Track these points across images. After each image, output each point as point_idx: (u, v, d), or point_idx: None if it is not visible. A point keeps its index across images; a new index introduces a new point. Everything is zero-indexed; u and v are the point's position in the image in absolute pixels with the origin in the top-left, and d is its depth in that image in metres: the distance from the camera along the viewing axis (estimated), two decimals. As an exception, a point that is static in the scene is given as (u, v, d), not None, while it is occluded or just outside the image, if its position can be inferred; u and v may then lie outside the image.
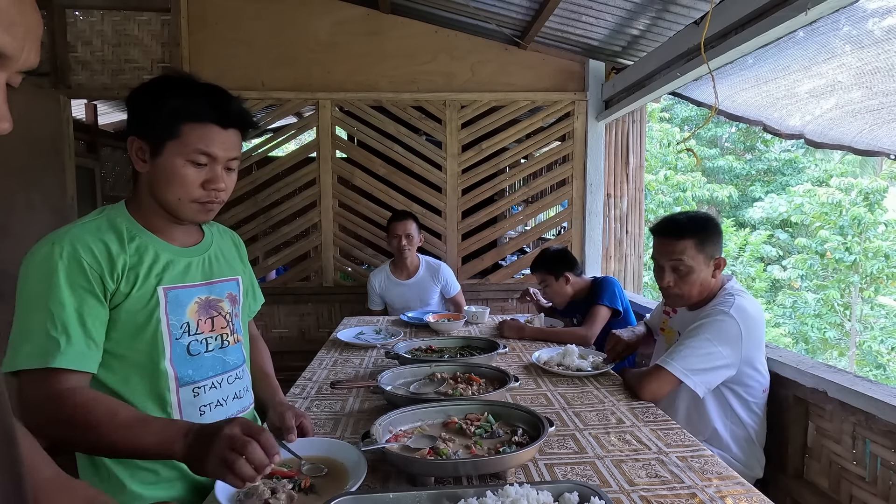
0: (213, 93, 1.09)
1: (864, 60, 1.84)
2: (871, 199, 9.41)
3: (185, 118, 1.05)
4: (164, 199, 1.10)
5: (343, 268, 3.85)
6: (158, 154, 1.06)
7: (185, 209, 1.10)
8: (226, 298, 1.24)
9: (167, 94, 1.06)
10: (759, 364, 1.73)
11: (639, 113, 3.83)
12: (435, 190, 3.77)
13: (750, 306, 1.71)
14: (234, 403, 1.24)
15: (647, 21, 2.90)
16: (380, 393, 1.47)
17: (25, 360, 0.96)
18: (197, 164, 1.07)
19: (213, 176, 1.09)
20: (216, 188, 1.10)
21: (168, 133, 1.05)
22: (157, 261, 1.11)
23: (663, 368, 1.61)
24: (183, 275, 1.15)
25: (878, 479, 1.51)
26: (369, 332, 2.41)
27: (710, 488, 1.05)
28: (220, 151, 1.08)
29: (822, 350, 9.87)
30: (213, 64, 3.53)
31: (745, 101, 2.49)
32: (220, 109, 1.08)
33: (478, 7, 3.31)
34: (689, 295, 1.78)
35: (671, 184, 11.30)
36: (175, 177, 1.06)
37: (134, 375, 1.08)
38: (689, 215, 1.82)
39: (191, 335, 1.14)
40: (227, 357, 1.23)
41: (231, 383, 1.23)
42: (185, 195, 1.08)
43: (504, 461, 1.05)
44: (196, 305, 1.16)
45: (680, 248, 1.75)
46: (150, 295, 1.08)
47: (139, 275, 1.07)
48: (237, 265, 1.34)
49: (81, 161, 3.89)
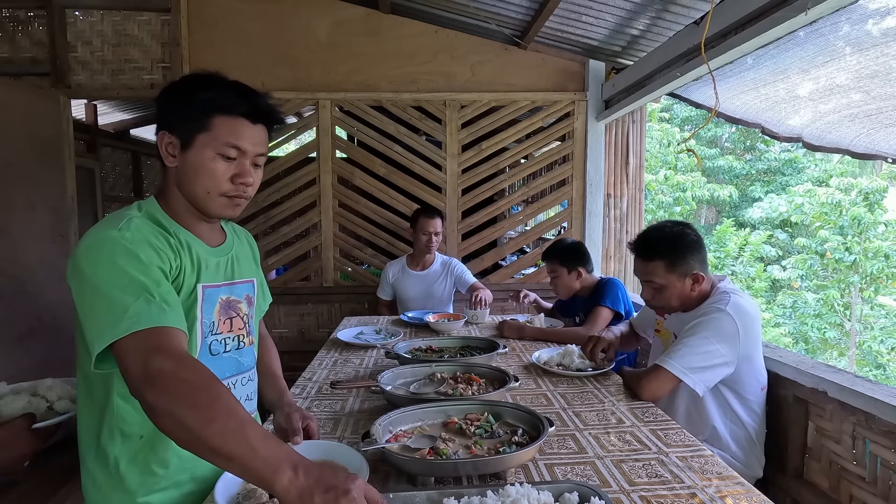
0: (243, 88, 1.11)
1: (862, 64, 1.84)
2: (871, 199, 9.42)
3: (217, 111, 1.06)
4: (192, 193, 1.10)
5: (343, 268, 3.85)
6: (189, 147, 1.07)
7: (214, 203, 1.10)
8: (244, 300, 1.24)
9: (198, 88, 1.08)
10: (756, 362, 1.73)
11: (639, 113, 3.83)
12: (435, 190, 3.77)
13: (746, 304, 1.71)
14: (246, 405, 1.22)
15: (646, 21, 2.90)
16: (380, 393, 1.47)
17: (132, 324, 0.87)
18: (227, 158, 1.07)
19: (242, 170, 1.10)
20: (244, 182, 1.10)
21: (199, 126, 1.05)
22: (198, 258, 1.12)
23: (662, 368, 1.61)
24: (214, 274, 1.16)
25: (878, 479, 1.51)
26: (369, 332, 2.42)
27: (710, 488, 1.05)
28: (249, 145, 1.09)
29: (822, 350, 9.87)
30: (212, 64, 3.47)
31: (744, 104, 2.49)
32: (251, 103, 1.09)
33: (478, 7, 3.31)
34: (668, 307, 1.83)
35: (671, 184, 11.31)
36: (204, 169, 1.07)
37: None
38: (663, 233, 1.79)
39: (213, 335, 1.15)
40: (243, 358, 1.23)
41: (244, 385, 1.23)
42: (215, 188, 1.08)
43: (504, 461, 1.05)
44: (219, 305, 1.16)
45: (650, 268, 1.77)
46: (191, 290, 1.09)
47: (185, 269, 1.08)
48: (253, 266, 1.35)
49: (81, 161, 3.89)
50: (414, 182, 3.76)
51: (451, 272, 3.18)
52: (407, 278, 3.19)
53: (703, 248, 1.78)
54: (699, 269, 1.76)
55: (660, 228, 1.84)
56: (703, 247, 1.79)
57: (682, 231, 1.78)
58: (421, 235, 3.08)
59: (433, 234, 3.06)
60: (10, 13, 3.43)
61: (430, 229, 3.06)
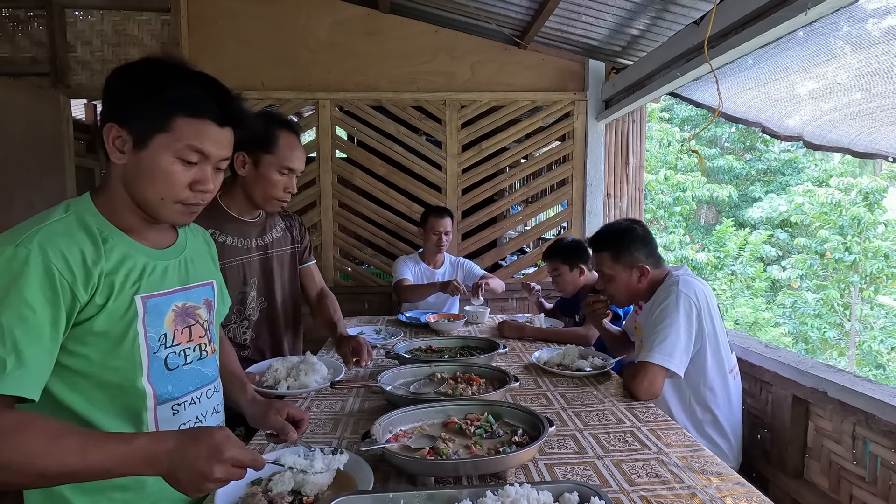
0: (214, 87, 0.99)
1: (863, 62, 1.84)
2: (871, 199, 9.43)
3: (182, 111, 0.94)
4: (143, 197, 0.97)
5: (343, 268, 3.85)
6: (143, 146, 0.93)
7: (167, 210, 0.98)
8: (203, 305, 1.12)
9: (162, 82, 0.94)
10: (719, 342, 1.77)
11: (639, 113, 3.83)
12: (435, 190, 3.77)
13: (695, 281, 1.80)
14: (213, 418, 1.14)
15: (646, 21, 2.90)
16: (380, 393, 1.47)
17: None
18: (186, 162, 0.95)
19: (203, 176, 0.98)
20: (204, 189, 0.99)
21: (159, 125, 0.93)
22: (135, 266, 0.98)
23: (647, 362, 1.64)
24: (161, 280, 1.02)
25: (878, 479, 1.51)
26: (369, 332, 2.41)
27: (710, 488, 1.05)
28: (213, 150, 0.97)
29: (821, 350, 9.87)
30: (212, 64, 3.50)
31: (745, 103, 2.49)
32: (222, 106, 0.98)
33: (478, 7, 3.31)
34: (618, 299, 1.99)
35: (671, 184, 11.30)
36: (160, 174, 0.94)
37: (104, 395, 0.95)
38: (611, 228, 2.01)
39: (168, 347, 1.02)
40: (206, 369, 1.11)
41: (210, 397, 1.13)
42: (170, 195, 0.96)
43: (504, 461, 1.05)
44: (173, 314, 1.03)
45: (598, 259, 1.97)
46: (127, 305, 0.95)
47: (115, 283, 0.94)
48: (210, 267, 1.21)
49: (81, 161, 3.88)
50: (414, 182, 3.76)
51: (460, 269, 3.21)
52: (428, 275, 3.19)
53: (650, 244, 1.92)
54: (645, 262, 1.88)
55: (611, 224, 2.07)
56: (650, 242, 1.92)
57: (629, 227, 1.96)
58: (431, 235, 3.09)
59: (443, 234, 3.07)
60: (9, 13, 3.43)
61: (441, 228, 3.07)
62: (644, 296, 1.90)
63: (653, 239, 1.94)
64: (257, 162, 1.66)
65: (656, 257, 1.92)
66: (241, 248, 1.74)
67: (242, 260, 1.74)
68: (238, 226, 1.74)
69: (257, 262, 1.79)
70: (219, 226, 1.68)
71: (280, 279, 1.87)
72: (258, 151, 1.66)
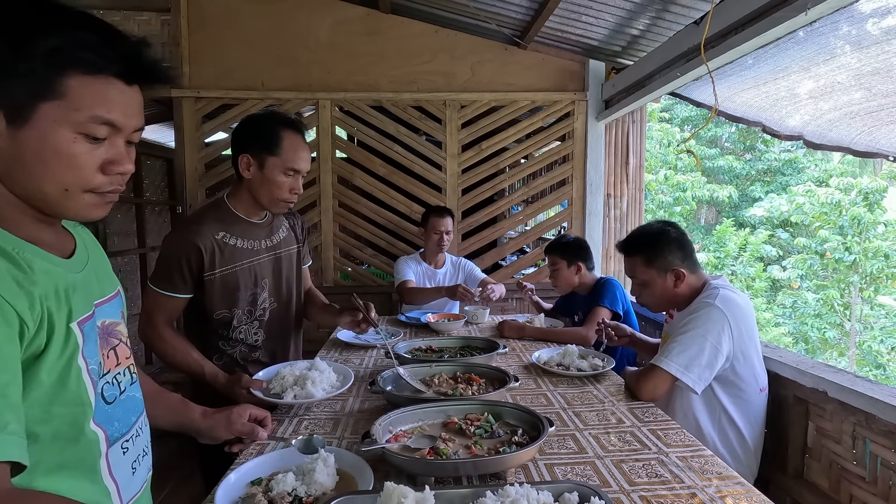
0: (108, 30, 0.74)
1: (863, 62, 1.84)
2: (871, 199, 9.43)
3: (73, 67, 0.69)
4: (36, 191, 0.72)
5: (343, 268, 3.85)
6: (24, 122, 0.68)
7: (74, 204, 0.75)
8: (120, 318, 0.92)
9: (36, 24, 0.67)
10: (752, 360, 1.72)
11: (639, 113, 3.83)
12: (435, 190, 3.77)
13: (736, 297, 1.72)
14: (145, 462, 0.94)
15: (646, 21, 2.90)
16: (380, 393, 1.47)
17: None
18: (93, 139, 0.73)
19: (118, 154, 0.76)
20: (122, 171, 0.76)
21: (43, 89, 0.68)
22: (59, 284, 0.75)
23: (657, 367, 1.62)
24: (84, 298, 0.80)
25: (878, 479, 1.51)
26: (369, 332, 2.41)
27: (710, 488, 1.05)
28: (123, 118, 0.74)
29: (822, 350, 9.87)
30: (212, 64, 3.53)
31: (745, 102, 2.49)
32: (127, 56, 0.74)
33: (478, 7, 3.31)
34: (654, 304, 1.89)
35: (671, 184, 11.31)
36: (58, 157, 0.70)
37: (50, 454, 0.72)
38: (642, 231, 1.91)
39: (101, 377, 0.81)
40: (138, 393, 0.93)
41: (147, 424, 0.96)
42: (77, 183, 0.73)
43: (504, 461, 1.05)
44: (98, 337, 0.82)
45: (630, 264, 1.87)
46: (65, 335, 0.73)
47: (52, 310, 0.72)
48: (111, 271, 0.96)
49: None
50: (414, 182, 3.76)
51: (461, 270, 3.21)
52: (430, 275, 3.19)
53: (685, 247, 1.82)
54: (680, 265, 1.79)
55: (644, 227, 1.95)
56: (685, 245, 1.82)
57: (662, 229, 1.85)
58: (432, 235, 3.09)
59: (444, 233, 3.07)
60: (9, 13, 3.42)
61: (442, 228, 3.07)
62: (682, 303, 1.81)
63: (688, 242, 1.84)
64: (262, 164, 1.63)
65: (692, 261, 1.82)
66: (251, 249, 1.73)
67: (253, 262, 1.73)
68: (246, 227, 1.73)
69: (268, 262, 1.79)
70: (227, 228, 1.67)
71: (288, 278, 1.88)
72: (262, 153, 1.61)
